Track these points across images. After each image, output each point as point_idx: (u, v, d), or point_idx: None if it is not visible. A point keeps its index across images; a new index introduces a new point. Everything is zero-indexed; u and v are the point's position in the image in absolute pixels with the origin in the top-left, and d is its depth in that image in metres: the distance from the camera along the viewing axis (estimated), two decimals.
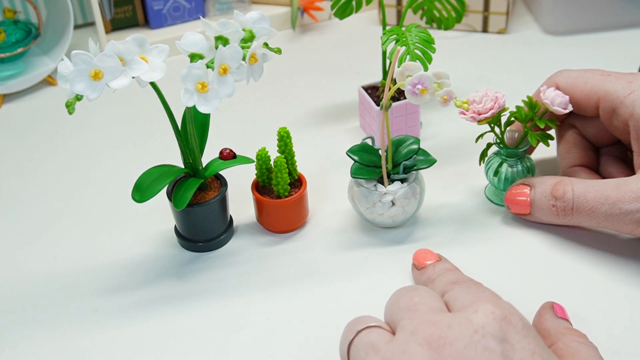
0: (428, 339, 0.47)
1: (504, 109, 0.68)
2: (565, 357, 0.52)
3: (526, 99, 0.68)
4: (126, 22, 1.01)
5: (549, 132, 0.70)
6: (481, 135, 0.70)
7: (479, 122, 0.67)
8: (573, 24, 0.98)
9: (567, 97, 0.66)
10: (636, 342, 0.59)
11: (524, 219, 0.69)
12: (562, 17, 0.97)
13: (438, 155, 0.73)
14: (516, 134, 0.70)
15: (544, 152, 0.76)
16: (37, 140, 0.86)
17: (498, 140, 0.69)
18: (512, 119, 0.68)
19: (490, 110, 0.66)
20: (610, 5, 0.97)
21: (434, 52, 0.72)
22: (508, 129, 0.70)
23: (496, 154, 0.71)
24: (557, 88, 0.69)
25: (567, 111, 0.66)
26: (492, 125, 0.68)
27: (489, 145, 0.70)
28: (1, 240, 0.73)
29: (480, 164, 0.72)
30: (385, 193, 0.68)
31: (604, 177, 0.70)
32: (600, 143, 0.72)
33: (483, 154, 0.71)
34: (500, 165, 0.70)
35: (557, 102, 0.66)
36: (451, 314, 0.49)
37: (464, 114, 0.67)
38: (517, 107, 0.68)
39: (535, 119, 0.67)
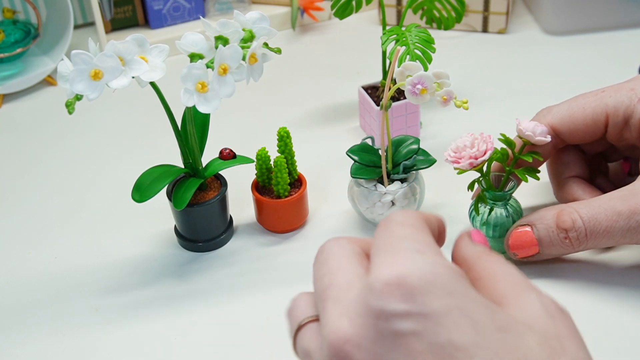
0: (333, 347, 0.41)
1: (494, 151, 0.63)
2: (482, 280, 0.48)
3: (501, 137, 0.64)
4: (126, 22, 1.01)
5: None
6: (473, 184, 0.65)
7: (476, 167, 0.62)
8: (573, 24, 0.98)
9: (544, 126, 0.63)
10: (636, 342, 0.59)
11: (533, 260, 0.65)
12: (562, 17, 0.97)
13: (438, 155, 0.73)
14: (494, 175, 0.66)
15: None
16: (36, 141, 0.86)
17: (485, 186, 0.65)
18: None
19: (487, 151, 0.62)
20: (610, 5, 0.97)
21: (434, 52, 0.72)
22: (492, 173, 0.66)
23: (480, 200, 0.65)
24: (553, 129, 0.65)
25: (549, 140, 0.63)
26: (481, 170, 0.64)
27: (478, 180, 0.65)
28: (1, 240, 0.73)
29: (472, 199, 0.67)
30: (385, 193, 0.68)
31: (598, 185, 0.68)
32: (592, 151, 0.69)
33: (471, 186, 0.65)
34: (490, 212, 0.65)
35: (539, 132, 0.62)
36: (350, 302, 0.43)
37: (458, 162, 0.63)
38: (501, 148, 0.64)
39: (515, 156, 0.63)
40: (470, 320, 0.41)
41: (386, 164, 0.68)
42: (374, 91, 0.81)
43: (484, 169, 0.64)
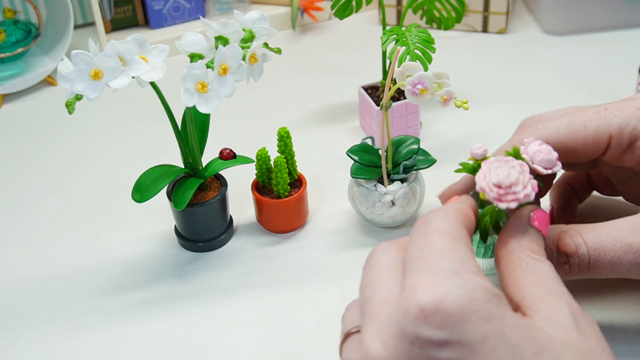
0: None
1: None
2: (516, 272, 0.47)
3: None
4: (126, 22, 1.01)
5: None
6: (486, 215, 0.53)
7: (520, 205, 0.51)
8: (573, 24, 0.98)
9: (554, 155, 0.53)
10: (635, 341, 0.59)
11: None
12: (562, 17, 0.97)
13: (438, 155, 0.73)
14: None
15: None
16: (37, 140, 0.86)
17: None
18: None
19: (530, 193, 0.50)
20: (610, 5, 0.97)
21: (434, 52, 0.72)
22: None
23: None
24: (549, 143, 0.58)
25: (550, 172, 0.53)
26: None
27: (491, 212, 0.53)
28: (1, 240, 0.73)
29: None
30: (385, 193, 0.68)
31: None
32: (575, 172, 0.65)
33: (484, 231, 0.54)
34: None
35: (539, 159, 0.53)
36: (383, 321, 0.43)
37: (500, 201, 0.50)
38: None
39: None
40: (508, 346, 0.41)
41: (386, 164, 0.68)
42: (374, 91, 0.81)
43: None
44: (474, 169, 0.53)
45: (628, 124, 0.58)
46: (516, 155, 0.53)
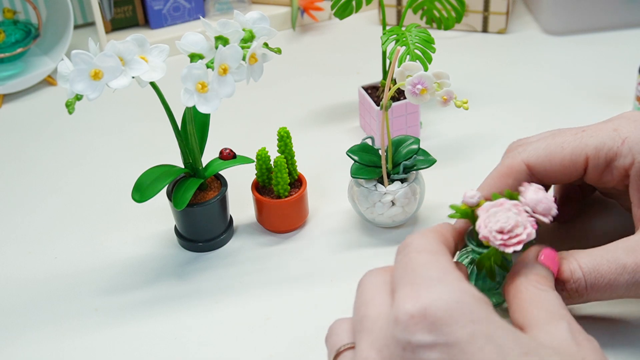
0: None
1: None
2: (522, 300, 0.50)
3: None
4: (126, 22, 1.01)
5: None
6: (491, 257, 0.55)
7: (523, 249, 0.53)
8: (573, 24, 0.98)
9: (551, 199, 0.54)
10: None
11: None
12: (562, 17, 0.97)
13: (438, 155, 0.73)
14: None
15: None
16: (37, 140, 0.86)
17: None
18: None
19: (529, 234, 0.53)
20: (610, 5, 0.97)
21: (434, 52, 0.72)
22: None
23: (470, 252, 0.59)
24: (528, 167, 0.59)
25: (551, 218, 0.54)
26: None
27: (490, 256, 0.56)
28: (1, 240, 0.73)
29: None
30: (385, 193, 0.68)
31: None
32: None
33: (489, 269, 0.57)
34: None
35: (542, 209, 0.53)
36: (378, 333, 0.45)
37: (506, 246, 0.52)
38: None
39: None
40: (494, 346, 0.43)
41: (386, 164, 0.68)
42: (374, 91, 0.81)
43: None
44: (467, 214, 0.54)
45: (604, 145, 0.58)
46: (510, 197, 0.54)
